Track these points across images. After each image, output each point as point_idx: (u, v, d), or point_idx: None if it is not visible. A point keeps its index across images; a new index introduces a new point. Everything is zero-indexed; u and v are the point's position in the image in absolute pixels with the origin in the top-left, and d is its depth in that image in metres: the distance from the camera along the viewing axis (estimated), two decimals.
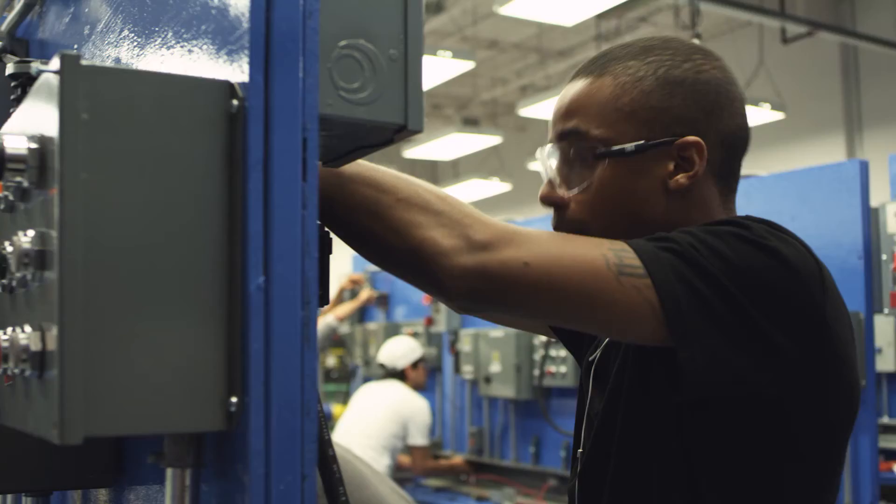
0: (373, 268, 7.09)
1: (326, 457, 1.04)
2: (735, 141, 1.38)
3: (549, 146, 1.40)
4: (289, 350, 0.88)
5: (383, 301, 7.31)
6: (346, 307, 7.10)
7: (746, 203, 1.39)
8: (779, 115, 10.43)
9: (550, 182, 1.39)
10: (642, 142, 1.31)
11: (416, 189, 1.18)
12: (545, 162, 1.40)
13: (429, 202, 1.17)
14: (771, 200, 4.13)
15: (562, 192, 1.37)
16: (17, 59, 1.58)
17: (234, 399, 0.88)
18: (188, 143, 0.89)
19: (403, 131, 1.02)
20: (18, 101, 1.54)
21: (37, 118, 0.92)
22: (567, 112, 1.37)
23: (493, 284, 1.15)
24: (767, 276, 1.18)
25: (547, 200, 1.39)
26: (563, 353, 5.17)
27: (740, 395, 1.20)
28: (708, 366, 1.16)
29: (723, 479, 1.26)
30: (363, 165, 1.19)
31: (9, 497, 1.62)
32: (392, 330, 6.87)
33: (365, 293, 7.16)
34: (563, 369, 5.24)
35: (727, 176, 1.39)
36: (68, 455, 1.18)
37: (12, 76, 1.55)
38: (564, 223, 1.38)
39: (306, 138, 0.90)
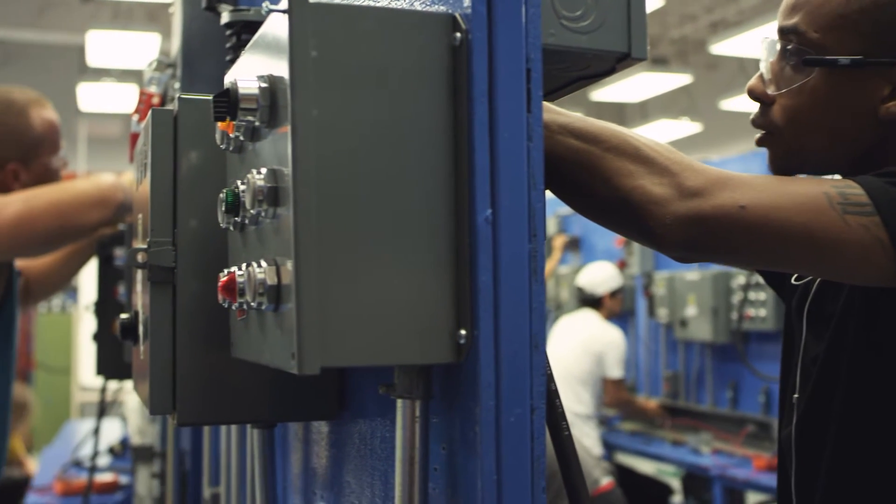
0: (564, 211, 7.05)
1: (549, 391, 1.03)
2: None
3: (771, 38, 1.33)
4: (517, 282, 0.88)
5: (575, 244, 7.27)
6: (548, 266, 7.07)
7: None
8: None
9: (762, 76, 1.33)
10: (860, 57, 1.23)
11: (625, 137, 1.14)
12: (764, 53, 1.34)
13: (638, 150, 1.12)
14: None
15: (770, 89, 1.31)
16: (231, 7, 1.63)
17: (463, 332, 0.88)
18: (413, 76, 0.89)
19: (626, 59, 1.00)
20: (234, 49, 1.59)
21: (264, 60, 0.94)
22: (792, 7, 1.30)
23: (709, 230, 1.10)
24: None
25: (752, 93, 1.33)
26: (762, 296, 5.02)
27: None
28: None
29: None
30: (569, 116, 1.15)
31: (234, 427, 1.70)
32: None
33: (559, 241, 7.12)
34: (762, 313, 5.09)
35: None
36: (294, 388, 1.22)
37: (228, 24, 1.60)
38: (763, 122, 1.32)
39: (530, 69, 0.89)
